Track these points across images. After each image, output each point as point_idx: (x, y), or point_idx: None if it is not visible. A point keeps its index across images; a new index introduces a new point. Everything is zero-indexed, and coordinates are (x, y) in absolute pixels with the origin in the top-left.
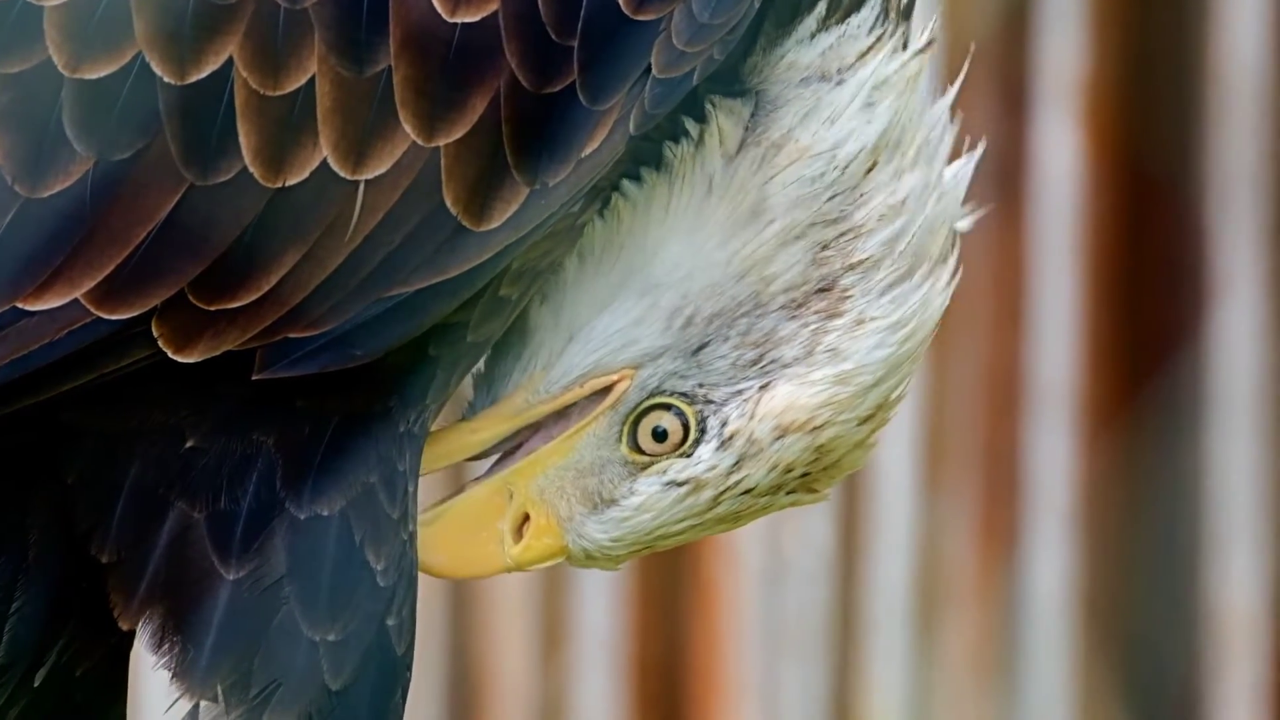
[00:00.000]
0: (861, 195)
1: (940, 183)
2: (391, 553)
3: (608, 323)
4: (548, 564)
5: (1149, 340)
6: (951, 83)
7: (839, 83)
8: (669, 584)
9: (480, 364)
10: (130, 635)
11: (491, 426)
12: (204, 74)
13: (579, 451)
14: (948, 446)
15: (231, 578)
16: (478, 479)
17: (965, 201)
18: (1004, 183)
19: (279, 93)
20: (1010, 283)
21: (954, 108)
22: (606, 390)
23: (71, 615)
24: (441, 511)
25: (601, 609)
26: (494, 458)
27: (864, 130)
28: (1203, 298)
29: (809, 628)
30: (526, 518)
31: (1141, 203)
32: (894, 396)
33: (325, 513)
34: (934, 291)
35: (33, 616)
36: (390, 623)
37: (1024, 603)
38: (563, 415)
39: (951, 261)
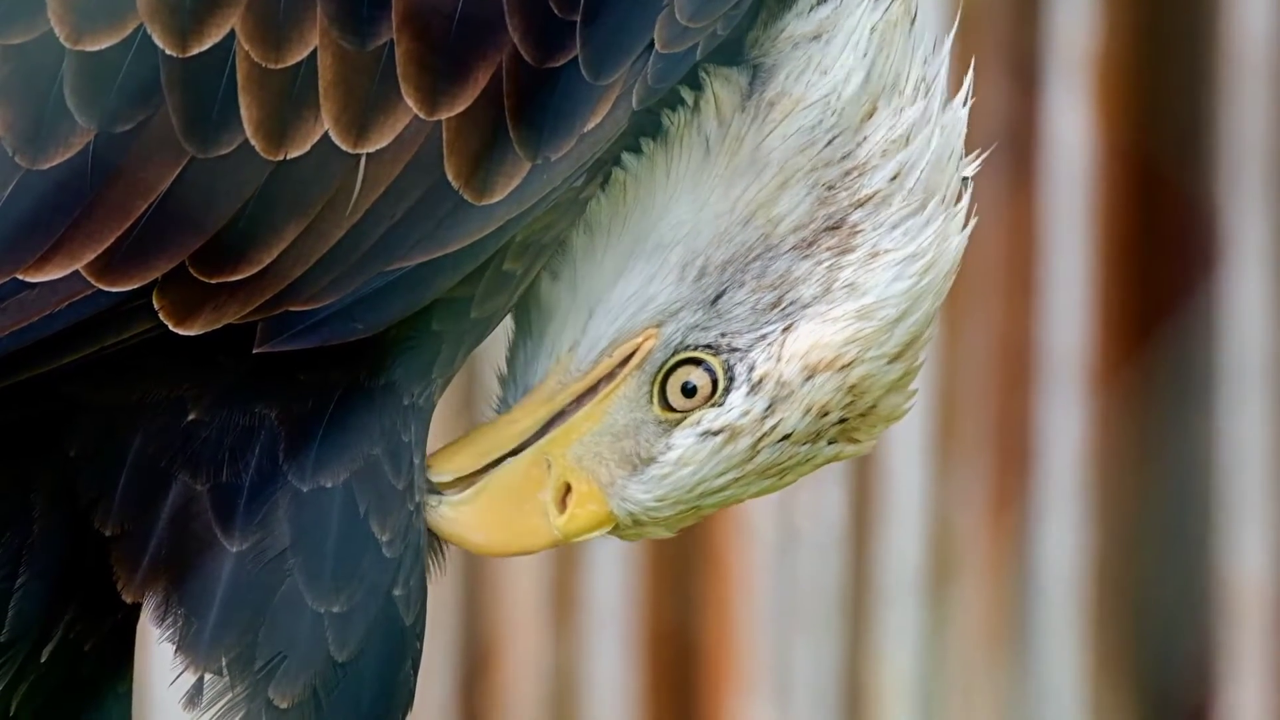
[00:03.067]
0: (863, 137)
1: (940, 118)
2: (398, 524)
3: (622, 289)
4: (595, 534)
5: (1159, 312)
6: (965, 56)
7: (829, 40)
8: (680, 555)
9: (501, 362)
10: (136, 609)
11: (529, 415)
12: (206, 46)
13: (612, 415)
14: (959, 418)
15: (235, 550)
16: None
17: (972, 161)
18: (1015, 155)
19: (281, 65)
20: (1021, 255)
21: (953, 53)
22: (633, 353)
23: (77, 589)
24: (480, 488)
25: (613, 580)
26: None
27: (855, 72)
28: (1213, 269)
29: (820, 599)
30: (568, 489)
31: (1152, 175)
32: (922, 335)
33: (329, 484)
34: (949, 227)
35: (38, 591)
36: (397, 593)
37: (1035, 574)
38: (594, 388)
39: (964, 202)
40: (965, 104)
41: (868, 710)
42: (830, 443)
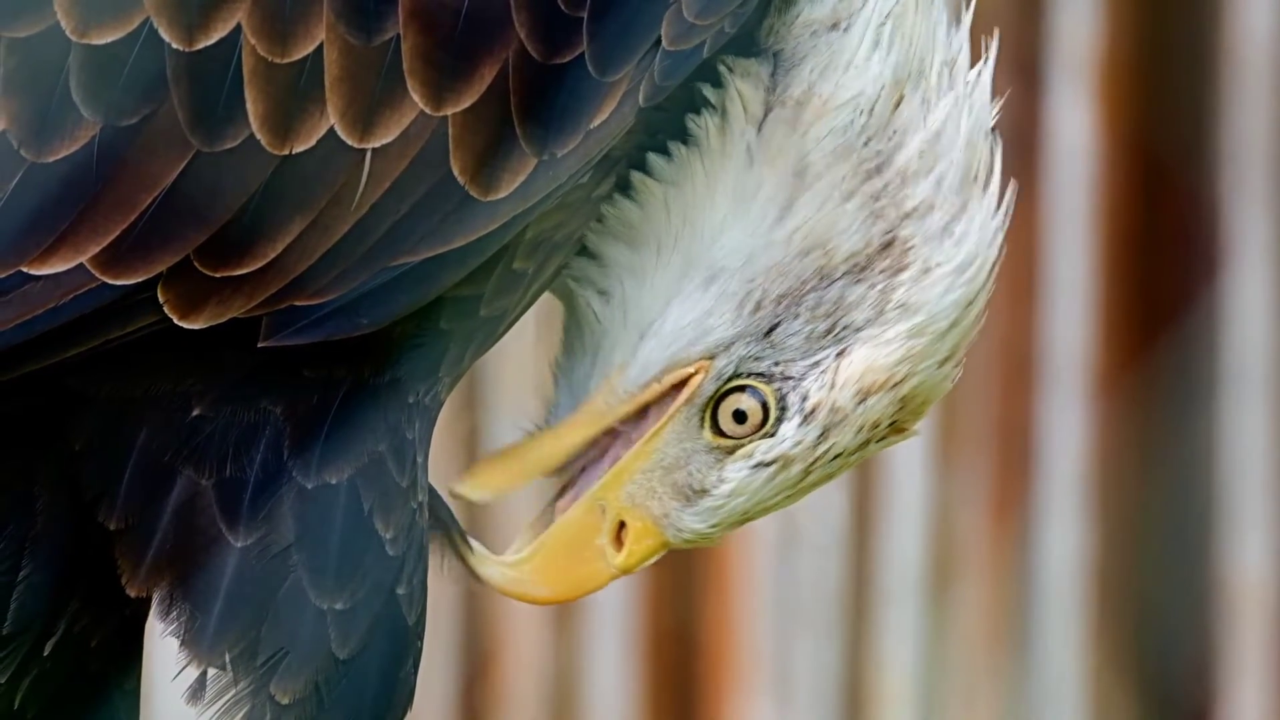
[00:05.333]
0: (895, 133)
1: (967, 98)
2: (401, 521)
3: (678, 316)
4: (651, 561)
5: (1161, 314)
6: (970, 55)
7: (847, 28)
8: (681, 556)
9: (558, 366)
10: (144, 607)
11: (575, 432)
12: (212, 40)
13: (662, 451)
14: (960, 419)
15: (239, 545)
16: (560, 493)
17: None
18: (1018, 157)
19: (287, 60)
20: (1023, 257)
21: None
22: (682, 384)
23: (80, 583)
24: (539, 544)
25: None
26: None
27: (881, 69)
28: (1215, 271)
29: (821, 600)
30: (622, 524)
31: (1154, 177)
32: (971, 333)
33: (333, 481)
34: (989, 214)
35: (40, 585)
36: (400, 592)
37: (1036, 575)
38: (641, 416)
39: (997, 172)
40: (988, 72)
41: (868, 711)
42: (879, 441)
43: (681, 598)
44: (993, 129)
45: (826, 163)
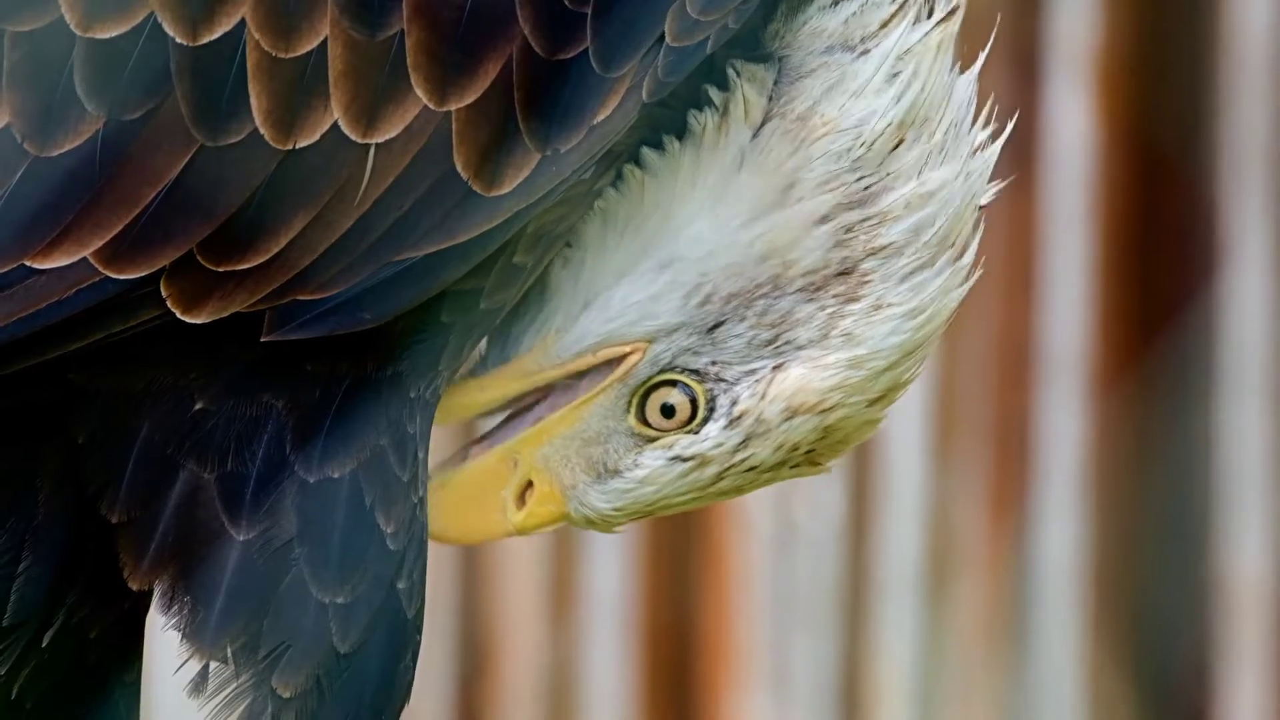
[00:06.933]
0: (888, 175)
1: (968, 163)
2: (402, 515)
3: (625, 293)
4: (547, 529)
5: (1159, 310)
6: (967, 52)
7: (863, 53)
8: (679, 549)
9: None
10: (145, 600)
11: (500, 386)
12: (216, 35)
13: (586, 421)
14: (958, 415)
15: (241, 539)
16: (480, 440)
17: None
18: (1015, 153)
19: (291, 55)
20: (1021, 252)
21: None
22: (617, 360)
23: (80, 576)
24: (446, 479)
25: (611, 574)
26: (499, 417)
27: (890, 105)
28: (1213, 267)
29: (819, 595)
30: (529, 484)
31: (1152, 173)
32: (905, 381)
33: (335, 475)
34: (954, 278)
35: (40, 577)
36: (400, 585)
37: (1033, 571)
38: (571, 384)
39: (974, 245)
40: (996, 151)
41: (866, 706)
42: (793, 467)
43: (679, 593)
44: (981, 206)
45: (814, 183)
